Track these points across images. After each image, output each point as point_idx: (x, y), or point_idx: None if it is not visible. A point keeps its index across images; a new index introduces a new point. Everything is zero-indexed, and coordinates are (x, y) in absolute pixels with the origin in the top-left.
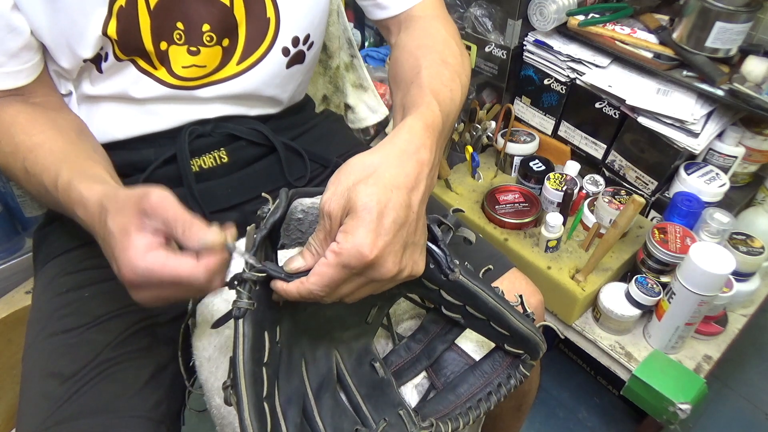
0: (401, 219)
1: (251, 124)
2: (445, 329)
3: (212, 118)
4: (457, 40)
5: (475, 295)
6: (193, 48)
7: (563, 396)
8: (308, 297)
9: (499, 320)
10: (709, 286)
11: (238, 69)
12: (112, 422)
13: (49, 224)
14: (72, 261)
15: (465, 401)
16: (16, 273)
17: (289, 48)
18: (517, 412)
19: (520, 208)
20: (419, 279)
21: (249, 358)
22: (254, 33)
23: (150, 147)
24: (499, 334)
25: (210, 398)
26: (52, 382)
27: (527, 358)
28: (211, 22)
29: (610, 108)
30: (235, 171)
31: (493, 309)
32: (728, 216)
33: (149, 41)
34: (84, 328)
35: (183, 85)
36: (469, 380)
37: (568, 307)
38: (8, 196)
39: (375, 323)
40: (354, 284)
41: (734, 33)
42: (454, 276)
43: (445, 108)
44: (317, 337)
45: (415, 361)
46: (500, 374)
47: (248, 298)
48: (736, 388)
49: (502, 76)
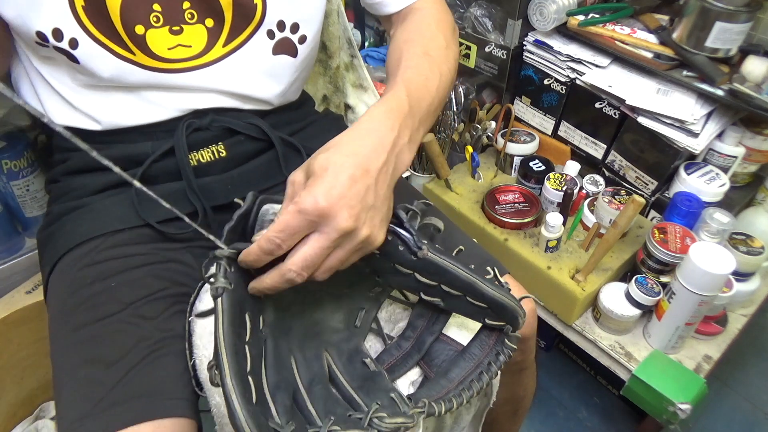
0: (356, 177)
1: (249, 118)
2: (432, 320)
3: (209, 109)
4: (447, 33)
5: (446, 270)
6: (176, 27)
7: (563, 396)
8: (270, 250)
9: (474, 292)
10: (709, 286)
11: (224, 51)
12: (162, 404)
13: (55, 222)
14: (89, 253)
15: (457, 384)
16: (16, 273)
17: (274, 31)
18: (514, 416)
19: (520, 208)
20: (394, 266)
21: (229, 331)
22: (240, 15)
23: (147, 140)
24: (478, 308)
25: (210, 397)
26: (96, 369)
27: (509, 330)
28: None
29: (610, 108)
30: (234, 166)
31: (465, 281)
32: (728, 216)
33: (119, 24)
34: (118, 316)
35: (170, 68)
36: (460, 365)
37: (568, 307)
38: (8, 196)
39: (364, 326)
40: (317, 245)
41: (734, 33)
42: (423, 253)
43: (415, 94)
44: (306, 338)
45: (407, 357)
46: (489, 354)
47: (224, 277)
48: (736, 388)
49: (502, 76)
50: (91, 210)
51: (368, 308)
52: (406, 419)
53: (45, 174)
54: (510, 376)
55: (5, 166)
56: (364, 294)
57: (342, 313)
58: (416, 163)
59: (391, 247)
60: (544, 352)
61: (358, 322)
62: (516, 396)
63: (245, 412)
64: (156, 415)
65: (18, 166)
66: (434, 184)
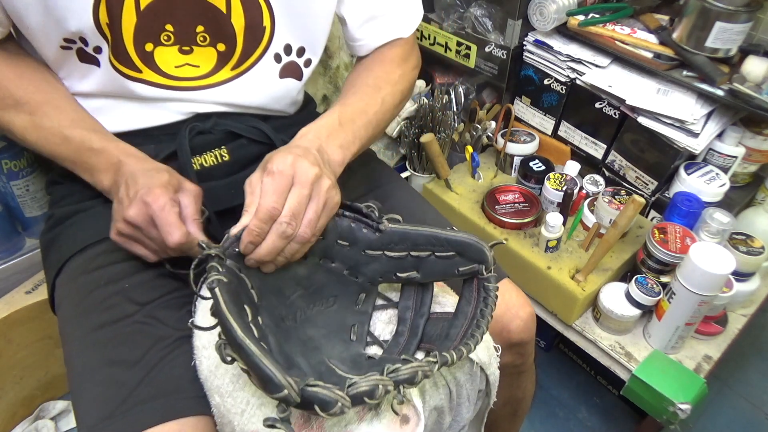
0: (304, 152)
1: (251, 122)
2: (417, 306)
3: (212, 113)
4: (405, 69)
5: (408, 233)
6: (186, 47)
7: (563, 396)
8: (269, 213)
9: (438, 242)
10: (709, 286)
11: (232, 74)
12: (185, 402)
13: (59, 225)
14: (98, 256)
15: (461, 339)
16: (16, 273)
17: (281, 55)
18: (513, 418)
19: (520, 208)
20: (365, 253)
21: (233, 309)
22: (250, 40)
23: (150, 143)
24: (448, 260)
25: (210, 396)
26: (117, 369)
27: (482, 269)
28: (204, 24)
29: (610, 108)
30: (237, 170)
31: (428, 235)
32: (728, 216)
33: (130, 41)
34: (134, 317)
35: (176, 85)
36: (455, 324)
37: (568, 307)
38: (8, 196)
39: (360, 339)
40: (296, 194)
41: (734, 33)
42: (384, 225)
43: (350, 115)
44: (306, 349)
45: (407, 345)
46: (477, 303)
47: (217, 271)
48: (736, 388)
49: (502, 76)
50: (95, 213)
51: (359, 322)
52: (422, 365)
53: (45, 174)
54: (509, 378)
55: (5, 166)
56: (350, 309)
57: (335, 331)
58: (416, 163)
59: (358, 234)
60: (544, 352)
61: (353, 336)
62: (515, 398)
63: (268, 360)
64: (180, 413)
65: (18, 166)
66: (434, 184)
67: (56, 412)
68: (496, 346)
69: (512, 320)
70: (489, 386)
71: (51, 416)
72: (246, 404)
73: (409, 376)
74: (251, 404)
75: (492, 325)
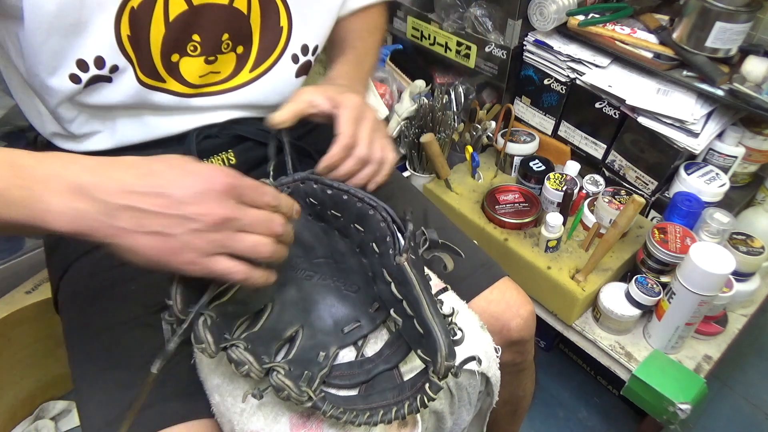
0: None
1: (258, 124)
2: (395, 353)
3: (221, 122)
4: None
5: (409, 284)
6: (211, 57)
7: (563, 396)
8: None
9: (418, 312)
10: (709, 286)
11: (251, 76)
12: (193, 406)
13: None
14: (104, 259)
15: (370, 408)
16: (16, 273)
17: (299, 55)
18: (513, 417)
19: (520, 208)
20: (383, 272)
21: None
22: (267, 41)
23: (158, 147)
24: (418, 336)
25: (210, 396)
26: (123, 373)
27: (432, 371)
28: (230, 31)
29: (610, 108)
30: (244, 173)
31: (416, 297)
32: (728, 216)
33: (158, 53)
34: (142, 320)
35: (197, 92)
36: (384, 395)
37: (568, 307)
38: None
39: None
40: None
41: (734, 33)
42: (399, 259)
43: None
44: (298, 310)
45: (353, 378)
46: (412, 395)
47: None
48: (736, 388)
49: (502, 76)
50: None
51: (363, 324)
52: (298, 392)
53: None
54: (509, 377)
55: None
56: (365, 306)
57: (337, 311)
58: (416, 163)
59: (387, 247)
60: (544, 352)
61: (347, 329)
62: (515, 396)
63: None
64: (187, 417)
65: None
66: (434, 184)
67: (56, 412)
68: (497, 346)
69: (512, 319)
70: (490, 386)
71: (51, 416)
72: (245, 403)
73: (276, 387)
74: (250, 403)
75: (492, 324)
